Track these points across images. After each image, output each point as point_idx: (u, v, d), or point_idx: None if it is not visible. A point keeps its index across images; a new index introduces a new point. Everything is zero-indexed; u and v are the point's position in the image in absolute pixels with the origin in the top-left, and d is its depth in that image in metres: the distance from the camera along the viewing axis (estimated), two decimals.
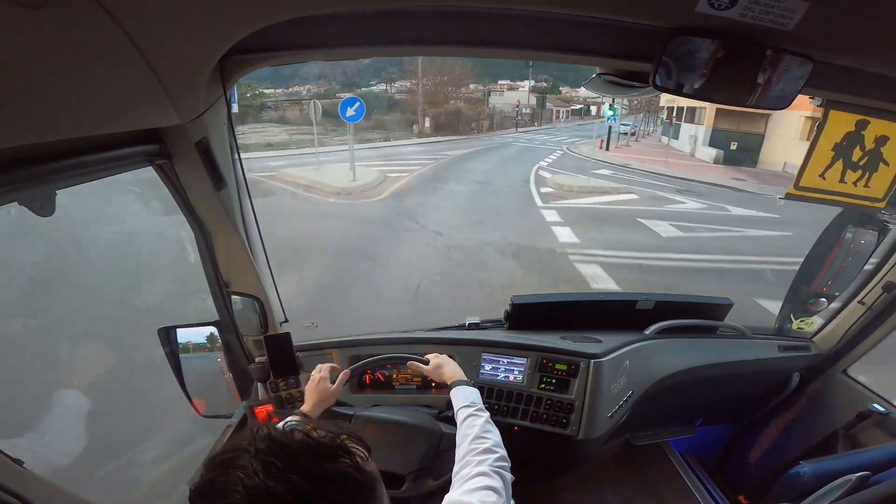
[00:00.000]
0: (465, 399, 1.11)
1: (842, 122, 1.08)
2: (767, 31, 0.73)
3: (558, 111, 48.23)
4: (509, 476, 0.88)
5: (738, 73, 0.80)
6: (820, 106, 1.06)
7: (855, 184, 1.16)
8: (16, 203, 0.75)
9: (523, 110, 37.14)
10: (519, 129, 34.11)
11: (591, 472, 1.96)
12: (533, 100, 43.16)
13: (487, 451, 0.91)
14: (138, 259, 4.87)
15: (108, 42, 0.67)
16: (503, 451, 0.94)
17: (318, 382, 1.19)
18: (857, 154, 1.12)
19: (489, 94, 37.71)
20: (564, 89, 52.14)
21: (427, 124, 28.75)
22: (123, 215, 5.41)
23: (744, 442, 2.26)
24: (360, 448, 0.55)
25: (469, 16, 0.85)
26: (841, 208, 1.61)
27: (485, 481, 0.82)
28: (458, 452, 0.95)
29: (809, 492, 1.27)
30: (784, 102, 0.84)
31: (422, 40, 0.89)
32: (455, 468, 0.91)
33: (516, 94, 41.96)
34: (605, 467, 2.00)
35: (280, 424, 0.55)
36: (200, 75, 0.89)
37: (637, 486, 1.92)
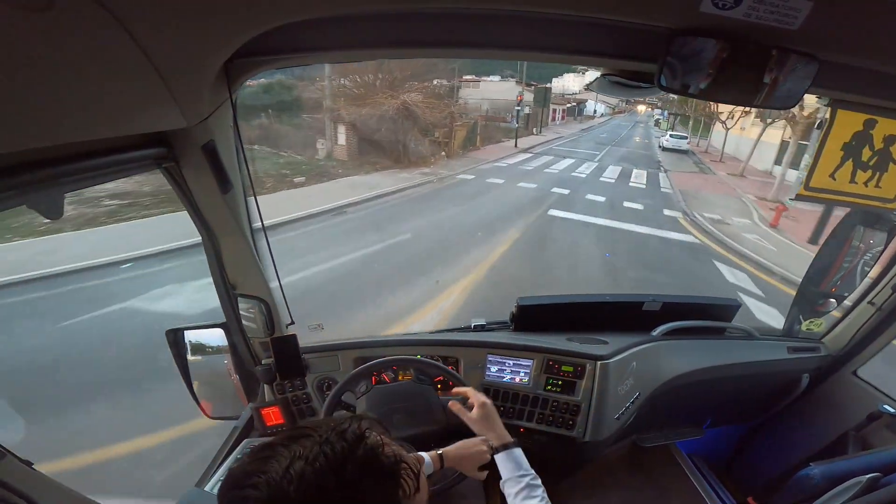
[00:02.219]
0: (516, 468, 1.02)
1: (849, 122, 1.07)
2: (772, 30, 0.72)
3: (554, 111, 39.27)
4: None
5: (743, 72, 0.79)
6: (827, 105, 1.05)
7: (866, 184, 1.15)
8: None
9: (524, 110, 24.65)
10: (519, 147, 21.70)
11: (598, 474, 1.95)
12: (526, 95, 28.02)
13: None
14: None
15: (113, 45, 0.68)
16: None
17: (481, 455, 1.06)
18: (866, 154, 1.11)
19: (457, 90, 23.21)
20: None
21: (342, 140, 15.35)
22: None
23: (753, 443, 2.24)
24: (410, 482, 0.56)
25: (473, 18, 0.85)
26: (850, 209, 1.59)
27: None
28: None
29: (820, 493, 1.26)
30: (790, 102, 0.83)
31: (426, 42, 0.90)
32: None
33: (499, 86, 29.12)
34: (612, 469, 1.99)
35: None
36: (206, 78, 0.89)
37: (644, 487, 1.91)
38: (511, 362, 1.57)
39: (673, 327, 1.78)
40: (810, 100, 1.01)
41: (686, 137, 26.51)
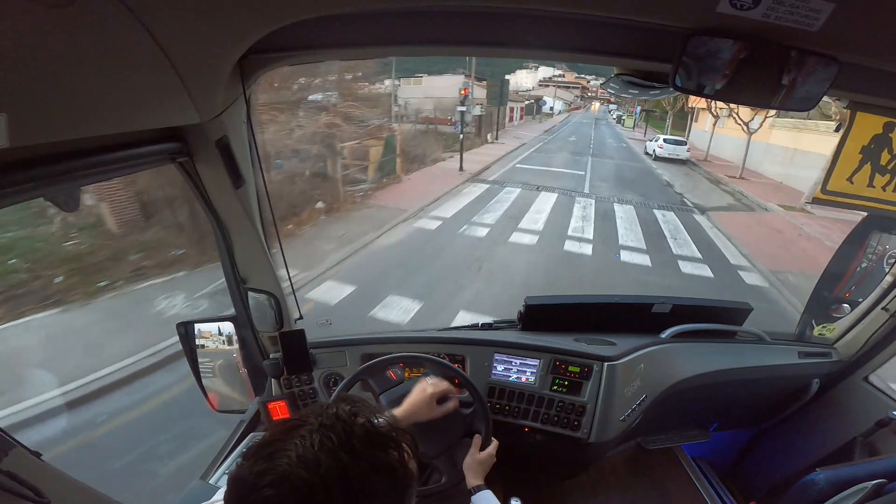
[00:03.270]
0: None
1: (869, 125, 1.05)
2: (792, 31, 0.71)
3: (511, 109, 33.24)
4: None
5: (761, 74, 0.78)
6: (846, 108, 1.03)
7: (884, 188, 1.13)
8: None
9: (473, 110, 17.62)
10: (467, 172, 13.75)
11: (601, 475, 1.94)
12: (478, 91, 21.24)
13: None
14: None
15: (132, 41, 0.69)
16: None
17: (428, 398, 1.15)
18: (885, 157, 1.09)
19: (395, 92, 18.92)
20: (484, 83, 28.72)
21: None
22: None
23: (759, 448, 2.22)
24: (409, 446, 0.57)
25: (488, 16, 0.85)
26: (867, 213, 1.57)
27: None
28: None
29: (824, 499, 1.25)
30: (809, 104, 0.82)
31: (440, 40, 0.90)
32: None
33: (446, 81, 22.55)
34: (615, 471, 1.98)
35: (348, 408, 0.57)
36: (221, 74, 0.90)
37: (647, 490, 1.90)
38: (518, 362, 1.57)
39: (682, 330, 1.76)
40: None
41: (685, 143, 20.37)
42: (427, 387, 1.16)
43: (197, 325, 1.44)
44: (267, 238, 1.34)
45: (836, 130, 1.06)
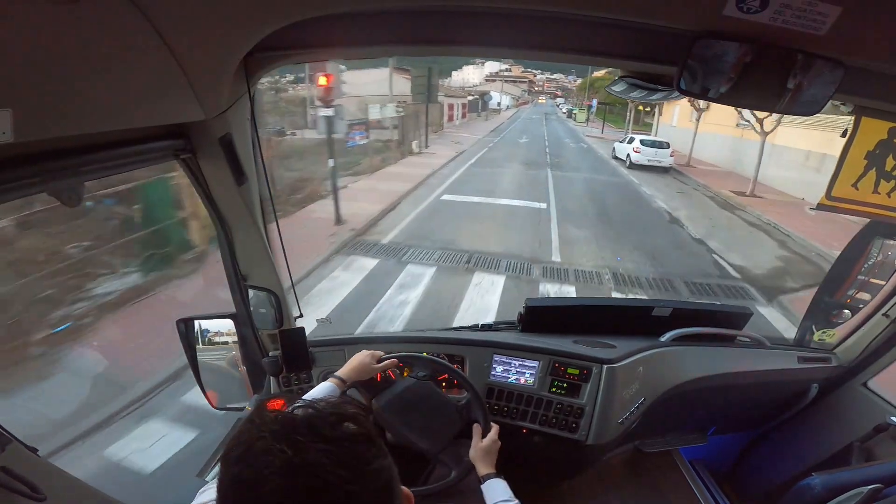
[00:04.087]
0: (504, 492, 1.12)
1: (874, 130, 1.04)
2: (798, 35, 0.71)
3: (452, 107, 26.90)
4: None
5: (766, 77, 0.78)
6: (851, 112, 1.03)
7: (889, 194, 1.12)
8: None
9: (386, 112, 14.62)
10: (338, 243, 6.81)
11: (598, 478, 1.94)
12: (401, 85, 17.98)
13: None
14: None
15: (138, 38, 0.69)
16: None
17: (368, 356, 1.25)
18: (890, 163, 1.08)
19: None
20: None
21: None
22: None
23: (756, 452, 2.22)
24: (358, 408, 0.55)
25: (493, 16, 0.84)
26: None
27: None
28: None
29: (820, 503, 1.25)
30: (815, 108, 0.82)
31: (444, 40, 0.90)
32: None
33: (368, 76, 17.41)
34: (613, 473, 1.98)
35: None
36: (225, 72, 0.90)
37: (644, 493, 1.90)
38: (517, 363, 1.56)
39: (682, 333, 1.76)
40: None
41: (668, 145, 15.92)
42: (365, 351, 1.28)
43: (197, 322, 1.44)
44: (268, 235, 1.34)
45: (843, 135, 1.05)
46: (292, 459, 0.45)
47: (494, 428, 1.28)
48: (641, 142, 16.25)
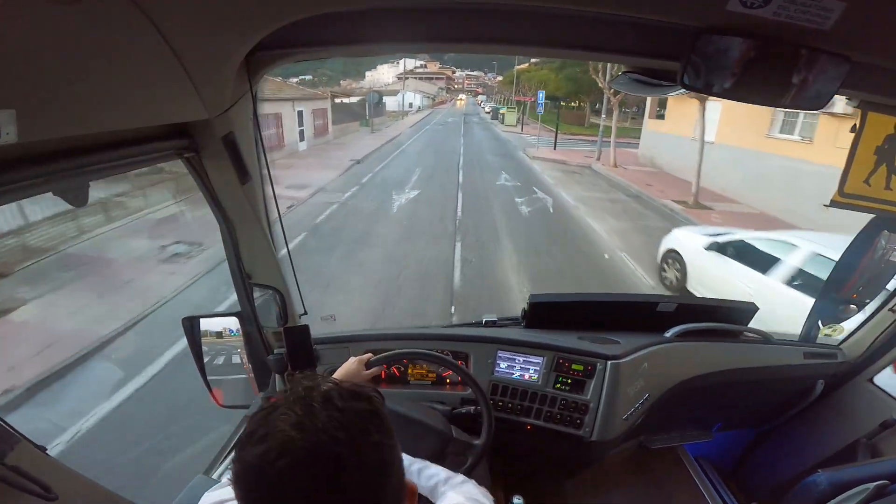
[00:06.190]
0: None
1: (881, 125, 1.03)
2: (803, 30, 0.70)
3: (321, 112, 20.48)
4: None
5: (771, 72, 0.78)
6: (857, 107, 1.02)
7: None
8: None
9: None
10: None
11: (603, 474, 1.94)
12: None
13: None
14: None
15: (140, 38, 0.69)
16: None
17: (357, 362, 1.25)
18: None
19: None
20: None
21: None
22: None
23: (762, 448, 2.22)
24: (376, 393, 0.59)
25: (496, 13, 0.84)
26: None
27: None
28: None
29: (825, 500, 1.25)
30: (820, 103, 0.81)
31: (448, 37, 0.89)
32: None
33: None
34: (617, 469, 1.98)
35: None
36: (228, 71, 0.91)
37: (648, 489, 1.90)
38: (521, 359, 1.56)
39: (687, 329, 1.75)
40: None
41: None
42: (353, 358, 1.28)
43: (202, 321, 1.45)
44: (272, 233, 1.35)
45: (852, 131, 1.04)
46: (302, 419, 0.49)
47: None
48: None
